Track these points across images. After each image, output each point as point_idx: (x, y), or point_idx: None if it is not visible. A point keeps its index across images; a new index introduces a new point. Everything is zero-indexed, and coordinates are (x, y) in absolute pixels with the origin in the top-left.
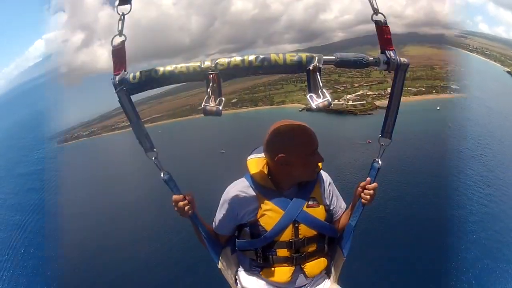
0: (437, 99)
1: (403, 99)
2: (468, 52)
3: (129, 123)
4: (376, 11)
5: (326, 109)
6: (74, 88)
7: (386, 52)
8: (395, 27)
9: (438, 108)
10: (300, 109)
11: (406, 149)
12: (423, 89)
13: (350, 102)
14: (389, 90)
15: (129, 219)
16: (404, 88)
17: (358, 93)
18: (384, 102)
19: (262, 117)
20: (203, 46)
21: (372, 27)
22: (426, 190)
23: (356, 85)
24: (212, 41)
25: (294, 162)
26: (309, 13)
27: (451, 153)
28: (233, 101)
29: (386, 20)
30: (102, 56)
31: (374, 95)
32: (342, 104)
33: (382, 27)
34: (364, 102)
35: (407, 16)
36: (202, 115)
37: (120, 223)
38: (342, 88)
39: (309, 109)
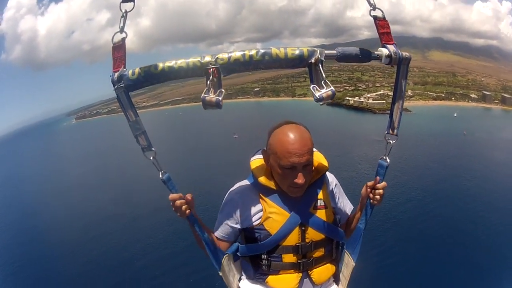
0: (456, 106)
1: (422, 102)
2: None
3: (134, 113)
4: (373, 7)
5: (337, 103)
6: (97, 65)
7: (387, 46)
8: (421, 31)
9: (455, 115)
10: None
11: (418, 151)
12: (443, 95)
13: (370, 101)
14: (409, 92)
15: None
16: (423, 92)
17: (379, 92)
18: (404, 104)
19: (284, 106)
20: (229, 33)
21: (398, 28)
22: (436, 194)
23: (377, 84)
24: (238, 29)
25: (272, 167)
26: (337, 9)
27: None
28: (256, 89)
29: (384, 15)
30: (129, 36)
31: None
32: (362, 101)
33: (380, 22)
34: (384, 101)
35: (434, 21)
36: (226, 101)
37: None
38: (363, 86)
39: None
